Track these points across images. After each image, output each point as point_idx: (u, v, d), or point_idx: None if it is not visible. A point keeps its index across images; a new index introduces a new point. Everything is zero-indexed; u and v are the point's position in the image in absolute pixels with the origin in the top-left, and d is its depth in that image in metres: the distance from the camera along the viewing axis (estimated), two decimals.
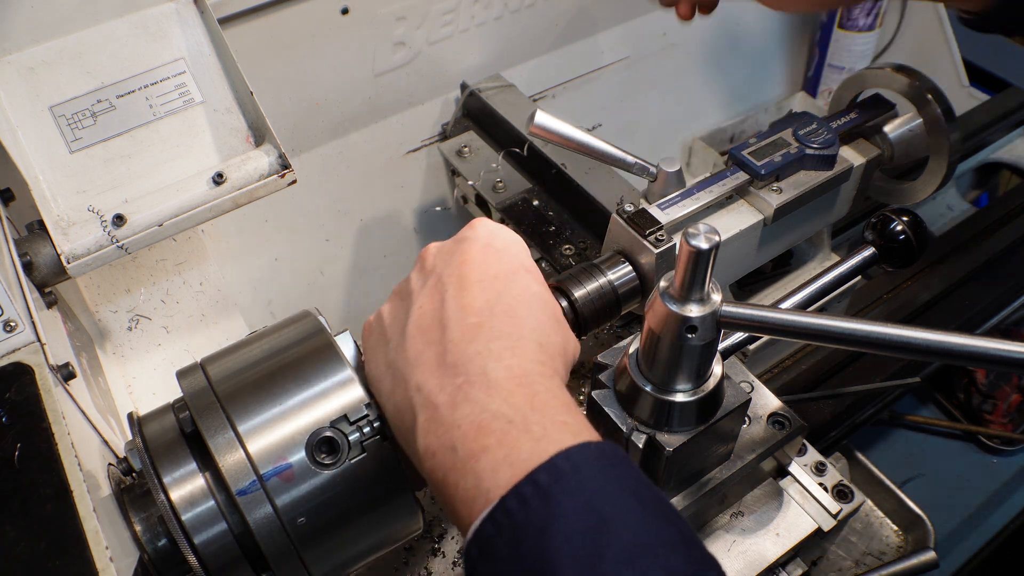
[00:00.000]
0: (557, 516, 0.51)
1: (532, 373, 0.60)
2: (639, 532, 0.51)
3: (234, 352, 0.73)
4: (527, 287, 0.66)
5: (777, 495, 0.90)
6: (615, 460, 0.55)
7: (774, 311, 0.69)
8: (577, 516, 0.51)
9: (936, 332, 0.63)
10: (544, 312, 0.66)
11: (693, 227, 0.63)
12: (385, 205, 1.40)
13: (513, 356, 0.60)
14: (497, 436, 0.55)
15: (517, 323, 0.63)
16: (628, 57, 1.53)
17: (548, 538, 0.50)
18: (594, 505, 0.52)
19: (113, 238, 0.87)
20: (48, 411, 0.71)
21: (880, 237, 0.86)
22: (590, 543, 0.50)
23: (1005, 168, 1.59)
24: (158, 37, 0.93)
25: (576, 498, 0.52)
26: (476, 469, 0.55)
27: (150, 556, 0.69)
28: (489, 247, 0.68)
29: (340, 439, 0.66)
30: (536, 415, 0.56)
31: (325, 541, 0.67)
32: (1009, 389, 1.32)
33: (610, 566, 0.49)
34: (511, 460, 0.54)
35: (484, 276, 0.65)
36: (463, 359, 0.60)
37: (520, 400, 0.57)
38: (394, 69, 1.28)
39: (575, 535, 0.50)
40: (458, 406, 0.58)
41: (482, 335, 0.61)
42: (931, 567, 0.92)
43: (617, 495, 0.53)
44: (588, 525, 0.51)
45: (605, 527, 0.51)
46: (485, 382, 0.58)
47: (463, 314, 0.63)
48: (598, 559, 0.49)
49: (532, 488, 0.52)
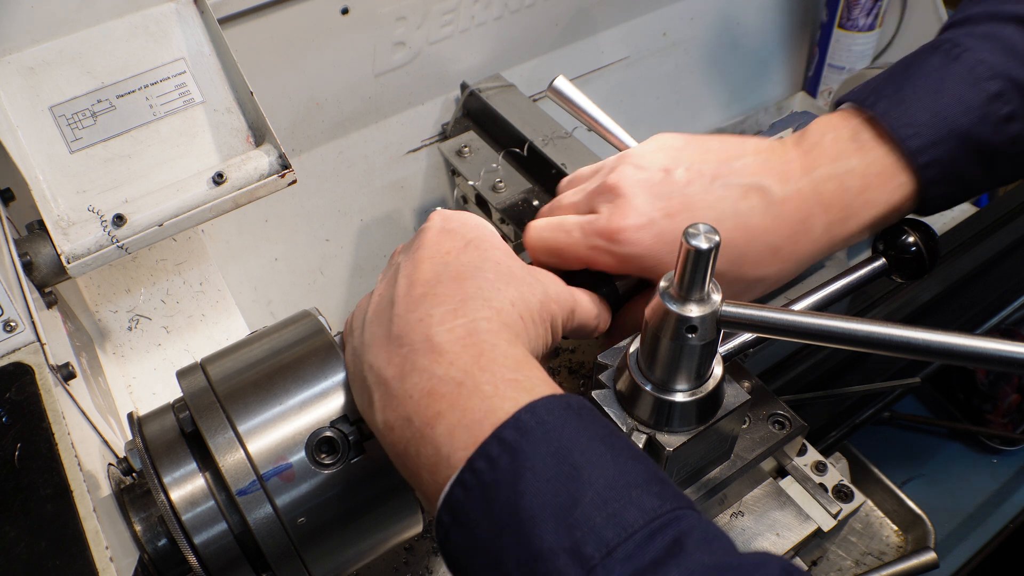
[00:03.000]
0: (527, 469, 0.51)
1: (478, 331, 0.59)
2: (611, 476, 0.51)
3: (234, 352, 0.73)
4: (480, 254, 0.65)
5: (777, 495, 0.90)
6: (580, 410, 0.55)
7: (774, 311, 0.69)
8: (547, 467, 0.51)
9: (936, 332, 0.63)
10: (495, 271, 0.64)
11: (693, 227, 0.63)
12: (385, 205, 1.40)
13: (456, 317, 0.59)
14: (448, 400, 0.55)
15: (462, 286, 0.62)
16: (628, 57, 1.53)
17: (520, 493, 0.50)
18: (563, 455, 0.52)
19: (113, 238, 0.87)
20: (48, 411, 0.71)
21: (891, 248, 0.85)
22: (563, 491, 0.50)
23: None
24: (158, 37, 0.93)
25: (544, 449, 0.52)
26: (433, 436, 0.55)
27: (150, 556, 0.69)
28: (443, 230, 0.68)
29: (340, 439, 0.66)
30: (485, 374, 0.56)
31: (325, 541, 0.67)
32: (1009, 389, 1.32)
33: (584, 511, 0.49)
34: (466, 422, 0.54)
35: (436, 253, 0.65)
36: (406, 329, 0.60)
37: (466, 360, 0.57)
38: (394, 69, 1.29)
39: (547, 486, 0.50)
40: (406, 376, 0.58)
41: (424, 303, 0.61)
42: (931, 567, 0.92)
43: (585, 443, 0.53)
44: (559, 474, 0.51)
45: (576, 474, 0.51)
46: (429, 347, 0.58)
47: (410, 289, 0.62)
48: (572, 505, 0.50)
49: (498, 446, 0.52)
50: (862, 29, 1.62)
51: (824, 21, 1.66)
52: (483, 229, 0.69)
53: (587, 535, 0.49)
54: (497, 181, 1.23)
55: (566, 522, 0.49)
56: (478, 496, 0.52)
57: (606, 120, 0.98)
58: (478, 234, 0.68)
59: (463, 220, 0.69)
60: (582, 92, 0.99)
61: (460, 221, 0.69)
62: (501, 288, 0.63)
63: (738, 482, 0.85)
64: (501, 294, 0.63)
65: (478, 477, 0.52)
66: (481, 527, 0.52)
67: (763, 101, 1.75)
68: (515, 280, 0.65)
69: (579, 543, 0.48)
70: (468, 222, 0.69)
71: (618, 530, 0.49)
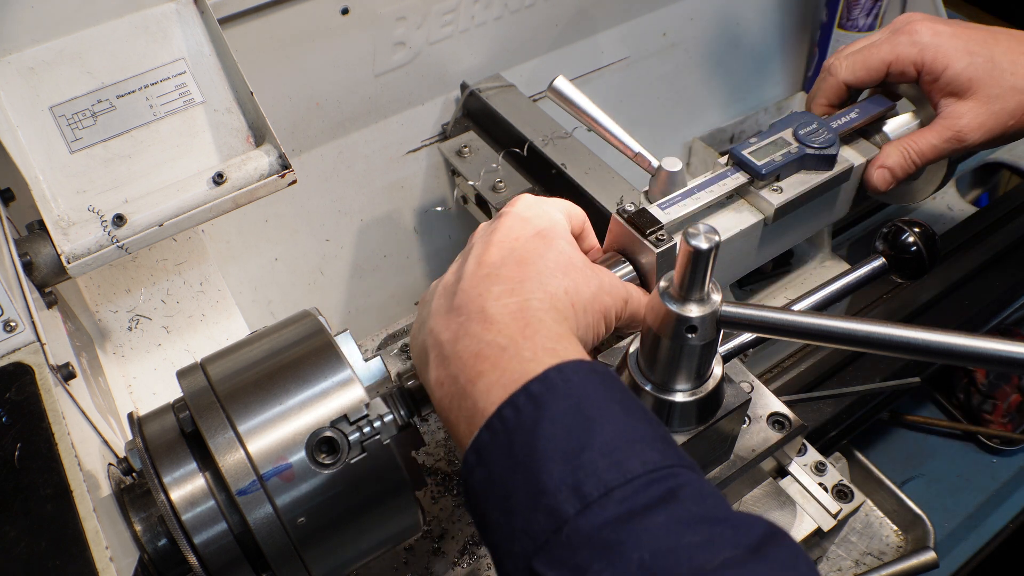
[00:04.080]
0: (545, 417, 0.56)
1: (528, 309, 0.65)
2: (620, 430, 0.56)
3: (234, 352, 0.73)
4: (546, 243, 0.71)
5: (777, 495, 0.90)
6: (605, 376, 0.61)
7: (774, 311, 0.69)
8: (564, 416, 0.57)
9: (936, 332, 0.63)
10: (556, 261, 0.70)
11: (693, 227, 0.63)
12: (385, 205, 1.40)
13: (512, 296, 0.66)
14: (491, 361, 0.62)
15: (523, 270, 0.68)
16: (628, 57, 1.53)
17: (536, 436, 0.56)
18: (581, 408, 0.57)
19: (113, 238, 0.87)
20: (48, 411, 0.71)
21: (891, 248, 0.85)
22: (574, 438, 0.56)
23: (1005, 168, 1.59)
24: (158, 37, 0.93)
25: (564, 403, 0.57)
26: (473, 393, 0.61)
27: (150, 556, 0.69)
28: (519, 216, 0.74)
29: (340, 439, 0.66)
30: (528, 343, 0.62)
31: (325, 541, 0.67)
32: (1009, 389, 1.32)
33: (590, 456, 0.54)
34: (503, 381, 0.60)
35: (506, 238, 0.71)
36: (465, 301, 0.66)
37: (513, 330, 0.63)
38: (394, 69, 1.28)
39: (561, 432, 0.56)
40: (459, 340, 0.64)
41: (486, 282, 0.67)
42: (931, 567, 0.92)
43: (602, 401, 0.58)
44: (574, 424, 0.56)
45: (588, 425, 0.56)
46: (482, 317, 0.64)
47: (477, 268, 0.69)
48: (580, 450, 0.55)
49: (525, 397, 0.58)
50: (862, 29, 1.62)
51: (824, 21, 1.66)
52: (556, 220, 0.75)
53: (589, 476, 0.54)
54: (497, 181, 1.23)
55: (572, 464, 0.54)
56: (502, 439, 0.58)
57: (606, 120, 0.98)
58: (549, 225, 0.73)
59: (541, 210, 0.75)
60: (582, 92, 0.99)
61: (538, 211, 0.75)
62: (558, 276, 0.69)
63: (738, 482, 0.85)
64: (557, 281, 0.68)
65: (504, 423, 0.58)
66: (500, 465, 0.57)
67: (763, 101, 1.75)
68: (573, 270, 0.70)
69: (581, 482, 0.53)
70: (544, 213, 0.75)
71: (618, 475, 0.53)
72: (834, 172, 0.97)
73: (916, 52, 0.98)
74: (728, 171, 0.94)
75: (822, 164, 0.96)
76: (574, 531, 0.52)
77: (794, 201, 0.94)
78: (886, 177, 1.00)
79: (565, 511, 0.53)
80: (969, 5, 1.94)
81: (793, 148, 0.95)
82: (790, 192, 0.94)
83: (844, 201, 1.06)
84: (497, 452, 0.58)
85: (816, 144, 0.95)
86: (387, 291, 1.47)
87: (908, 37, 0.99)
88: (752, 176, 0.94)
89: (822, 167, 0.96)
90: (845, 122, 1.00)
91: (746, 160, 0.94)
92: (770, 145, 0.95)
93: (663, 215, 0.89)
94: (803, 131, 0.96)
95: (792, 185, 0.95)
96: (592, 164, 1.19)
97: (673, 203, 0.91)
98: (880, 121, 1.04)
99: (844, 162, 0.98)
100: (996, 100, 0.96)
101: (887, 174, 1.00)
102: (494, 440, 0.58)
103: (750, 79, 1.73)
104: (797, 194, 0.94)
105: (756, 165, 0.93)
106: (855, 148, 1.02)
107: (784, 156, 0.94)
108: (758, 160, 0.93)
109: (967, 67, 0.96)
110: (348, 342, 0.74)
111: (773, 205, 0.93)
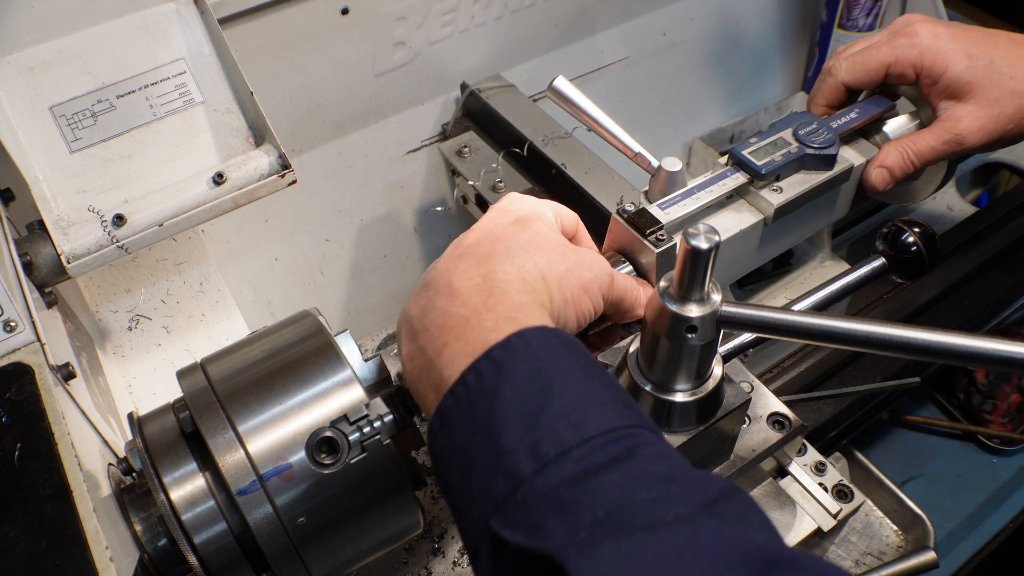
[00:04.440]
0: (506, 380, 0.57)
1: (493, 281, 0.65)
2: (579, 393, 0.57)
3: (234, 352, 0.73)
4: (523, 227, 0.71)
5: (777, 495, 0.90)
6: (567, 341, 0.62)
7: (774, 311, 0.69)
8: (524, 380, 0.57)
9: (936, 332, 0.63)
10: (529, 239, 0.70)
11: (693, 227, 0.63)
12: (385, 205, 1.40)
13: (477, 269, 0.67)
14: (455, 332, 0.63)
15: (493, 247, 0.69)
16: (628, 57, 1.53)
17: (496, 400, 0.57)
18: (541, 371, 0.58)
19: (113, 238, 0.87)
20: (48, 411, 0.71)
21: (891, 248, 0.85)
22: (533, 401, 0.56)
23: (1005, 168, 1.59)
24: (158, 37, 0.93)
25: (525, 367, 0.58)
26: (439, 363, 0.62)
27: (150, 556, 0.69)
28: (501, 208, 0.75)
29: (340, 439, 0.66)
30: (490, 313, 0.63)
31: (325, 541, 0.67)
32: (1009, 389, 1.32)
33: (548, 418, 0.55)
34: (466, 350, 0.61)
35: (486, 225, 0.72)
36: (435, 277, 0.68)
37: (476, 302, 0.64)
38: (394, 69, 1.28)
39: (520, 395, 0.57)
40: (426, 314, 0.66)
41: (456, 260, 0.69)
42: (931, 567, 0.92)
43: (563, 365, 0.59)
44: (533, 387, 0.57)
45: (549, 388, 0.57)
46: (448, 291, 0.66)
47: (452, 250, 0.71)
48: (539, 412, 0.56)
49: (487, 362, 0.59)
50: (862, 29, 1.62)
51: (824, 21, 1.66)
52: (537, 210, 0.75)
53: (546, 436, 0.55)
54: (497, 181, 1.23)
55: (530, 425, 0.55)
56: (464, 405, 0.59)
57: (606, 120, 0.98)
58: (530, 213, 0.74)
59: (523, 203, 0.76)
60: (582, 92, 0.99)
61: (521, 204, 0.76)
62: (530, 252, 0.69)
63: (738, 482, 0.85)
64: (528, 256, 0.68)
65: (466, 388, 0.59)
66: (462, 430, 0.58)
67: (763, 101, 1.75)
68: (548, 247, 0.70)
69: (538, 443, 0.54)
70: (525, 204, 0.76)
71: (575, 435, 0.54)
72: (834, 172, 0.97)
73: (915, 55, 0.99)
74: (728, 171, 0.94)
75: (822, 164, 0.96)
76: (530, 491, 0.53)
77: (794, 201, 0.94)
78: (884, 177, 1.00)
79: (522, 471, 0.54)
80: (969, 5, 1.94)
81: (793, 148, 0.95)
82: (790, 192, 0.94)
83: (844, 201, 1.06)
84: (460, 417, 0.59)
85: (816, 144, 0.95)
86: (387, 291, 1.47)
87: (908, 39, 0.99)
88: (752, 176, 0.94)
89: (822, 167, 0.96)
90: (845, 122, 1.01)
91: (746, 160, 0.94)
92: (770, 145, 0.95)
93: (663, 215, 0.89)
94: (803, 131, 0.96)
95: (792, 185, 0.95)
96: (592, 164, 1.19)
97: (673, 203, 0.91)
98: (880, 121, 1.04)
99: (844, 162, 0.98)
100: (995, 104, 0.97)
101: (886, 174, 1.00)
102: (457, 405, 0.59)
103: (750, 79, 1.73)
104: (797, 194, 0.94)
105: (756, 165, 0.93)
106: (855, 148, 1.02)
107: (784, 156, 0.94)
108: (758, 160, 0.93)
109: (966, 70, 0.96)
110: (348, 342, 0.74)
111: (773, 205, 0.93)
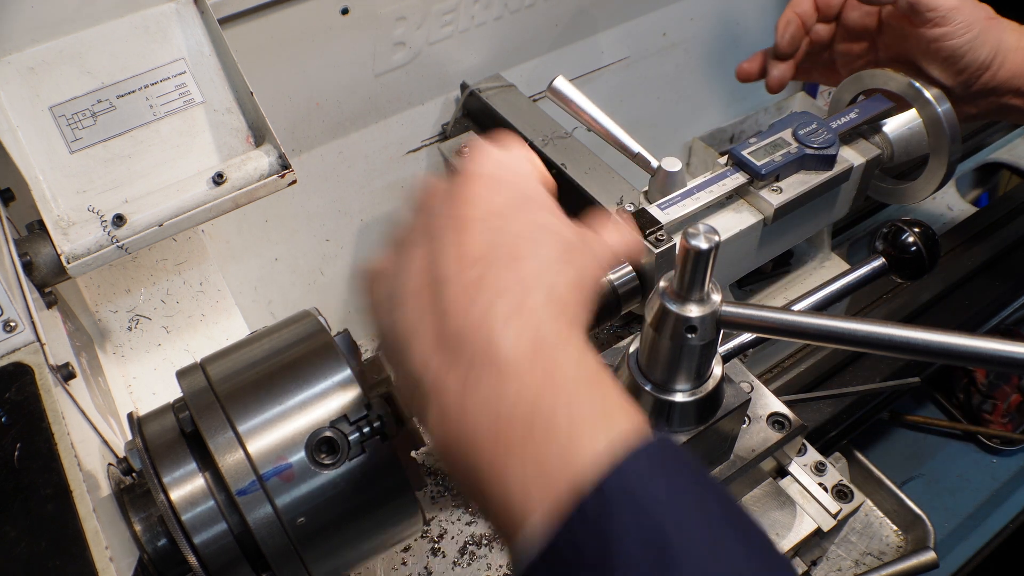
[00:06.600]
0: (615, 553, 0.46)
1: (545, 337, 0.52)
2: (707, 553, 0.46)
3: (234, 352, 0.73)
4: (532, 219, 0.59)
5: (777, 495, 0.90)
6: (669, 465, 0.49)
7: (774, 311, 0.69)
8: (639, 557, 0.45)
9: (936, 332, 0.63)
10: (550, 245, 0.57)
11: (693, 227, 0.63)
12: (385, 205, 1.40)
13: (520, 315, 0.53)
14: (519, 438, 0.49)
15: (521, 267, 0.55)
16: (628, 57, 1.53)
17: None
18: (655, 541, 0.46)
19: (113, 238, 0.87)
20: (48, 411, 0.71)
21: (891, 248, 0.85)
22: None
23: (1005, 168, 1.59)
24: (158, 37, 0.93)
25: (634, 535, 0.46)
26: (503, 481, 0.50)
27: (150, 556, 0.69)
28: (487, 177, 0.59)
29: (340, 439, 0.66)
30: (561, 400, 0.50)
31: (325, 541, 0.67)
32: (1009, 389, 1.32)
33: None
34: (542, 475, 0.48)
35: (484, 213, 0.57)
36: (465, 328, 0.53)
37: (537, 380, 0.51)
38: (394, 69, 1.28)
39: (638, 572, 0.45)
40: (469, 393, 0.51)
41: (483, 292, 0.53)
42: (931, 567, 0.92)
43: (678, 515, 0.47)
44: (651, 562, 0.45)
45: (671, 564, 0.45)
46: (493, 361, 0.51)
47: (461, 266, 0.55)
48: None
49: (581, 524, 0.47)
50: None
51: None
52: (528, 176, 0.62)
53: None
54: None
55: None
56: (561, 572, 0.47)
57: (606, 120, 0.98)
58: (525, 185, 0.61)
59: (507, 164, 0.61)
60: (582, 92, 0.99)
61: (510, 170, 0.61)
62: (561, 270, 0.57)
63: (738, 482, 0.85)
64: (562, 278, 0.56)
65: (560, 557, 0.47)
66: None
67: (763, 101, 1.75)
68: (573, 254, 0.59)
69: None
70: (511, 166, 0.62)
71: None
72: (834, 172, 0.97)
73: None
74: (728, 171, 0.94)
75: (822, 164, 0.96)
76: None
77: (794, 201, 0.94)
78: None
79: None
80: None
81: (793, 148, 0.95)
82: (790, 192, 0.94)
83: (844, 201, 1.06)
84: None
85: (816, 144, 0.95)
86: None
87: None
88: (752, 176, 0.94)
89: (822, 167, 0.96)
90: (845, 122, 1.01)
91: (746, 160, 0.94)
92: (770, 145, 0.95)
93: (663, 215, 0.89)
94: (803, 131, 0.96)
95: (792, 185, 0.95)
96: (592, 164, 1.19)
97: (673, 203, 0.91)
98: (880, 121, 1.04)
99: (844, 162, 0.98)
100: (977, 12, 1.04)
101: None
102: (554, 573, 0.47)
103: None
104: (797, 194, 0.94)
105: (756, 165, 0.93)
106: (855, 148, 1.02)
107: (784, 156, 0.94)
108: (758, 160, 0.93)
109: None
110: (348, 342, 0.74)
111: (773, 205, 0.93)
